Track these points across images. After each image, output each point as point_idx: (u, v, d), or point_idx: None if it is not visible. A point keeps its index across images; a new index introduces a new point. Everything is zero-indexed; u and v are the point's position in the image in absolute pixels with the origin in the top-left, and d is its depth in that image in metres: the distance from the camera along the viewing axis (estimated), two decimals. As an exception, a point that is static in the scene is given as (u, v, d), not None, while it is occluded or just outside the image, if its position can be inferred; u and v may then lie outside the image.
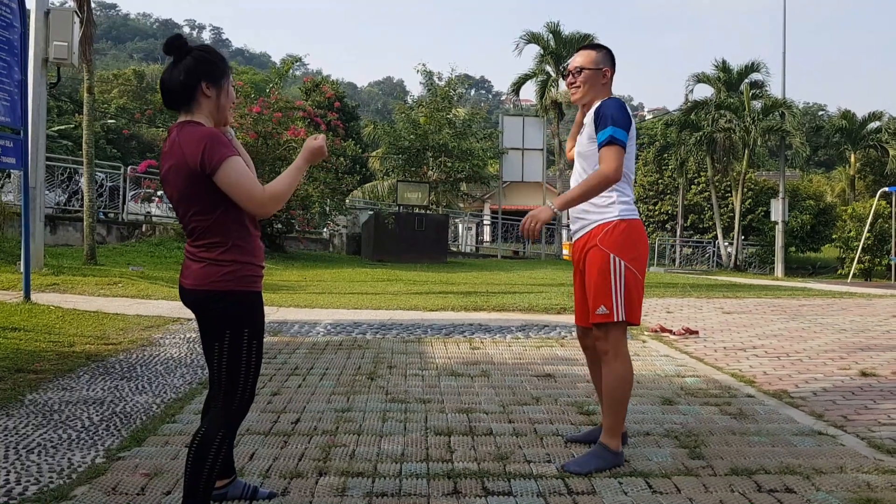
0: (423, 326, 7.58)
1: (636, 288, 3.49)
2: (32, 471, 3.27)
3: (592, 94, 3.58)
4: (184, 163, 2.52)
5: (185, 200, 2.59)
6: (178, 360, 5.70)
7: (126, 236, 17.73)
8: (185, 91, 2.62)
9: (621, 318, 3.46)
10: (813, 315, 8.98)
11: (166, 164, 2.61)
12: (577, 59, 3.63)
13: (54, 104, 37.08)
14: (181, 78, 2.62)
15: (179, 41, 2.66)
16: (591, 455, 3.48)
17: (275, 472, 3.32)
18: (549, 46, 33.84)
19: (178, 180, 2.56)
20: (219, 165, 2.49)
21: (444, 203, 25.86)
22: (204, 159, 2.49)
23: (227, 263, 2.60)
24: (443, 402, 4.60)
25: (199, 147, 2.50)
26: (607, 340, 3.50)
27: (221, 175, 2.51)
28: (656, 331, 7.50)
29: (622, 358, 3.50)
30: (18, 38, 7.87)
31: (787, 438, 3.93)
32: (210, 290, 2.60)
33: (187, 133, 2.56)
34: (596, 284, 3.49)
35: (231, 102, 2.75)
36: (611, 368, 3.49)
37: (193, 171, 2.52)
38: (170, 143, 2.61)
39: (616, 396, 3.47)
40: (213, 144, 2.51)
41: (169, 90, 2.65)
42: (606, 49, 3.66)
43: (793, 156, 33.60)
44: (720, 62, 34.46)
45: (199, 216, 2.59)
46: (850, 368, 5.70)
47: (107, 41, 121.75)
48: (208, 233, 2.60)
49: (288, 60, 23.58)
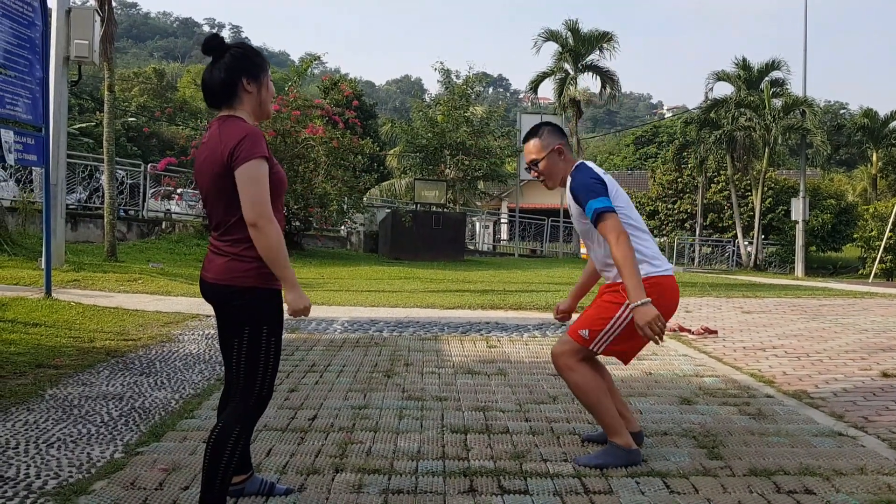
0: (439, 324, 7.58)
1: (629, 339, 3.43)
2: (52, 465, 3.30)
3: (559, 173, 3.60)
4: (220, 155, 2.55)
5: (216, 193, 2.61)
6: (196, 357, 5.73)
7: (146, 233, 17.88)
8: (227, 88, 2.65)
9: (595, 350, 3.48)
10: (834, 315, 8.89)
11: (202, 155, 2.64)
12: (528, 155, 3.65)
13: (75, 102, 37.48)
14: (222, 76, 2.65)
15: (217, 40, 2.69)
16: (602, 451, 3.51)
17: (292, 469, 3.33)
18: (567, 44, 33.71)
19: (212, 172, 2.59)
20: (245, 161, 2.51)
21: (461, 201, 25.87)
22: (233, 153, 2.52)
23: (250, 260, 2.60)
24: (459, 400, 4.60)
25: (238, 142, 2.53)
26: (572, 356, 3.49)
27: (241, 172, 2.51)
28: (675, 330, 7.45)
29: (579, 370, 3.49)
30: (40, 37, 7.96)
31: (807, 439, 3.89)
32: (232, 286, 2.61)
33: (229, 126, 2.59)
34: (597, 311, 3.49)
35: (271, 96, 2.79)
36: (569, 380, 3.52)
37: (227, 167, 2.54)
38: (209, 135, 2.64)
39: (588, 402, 3.50)
40: (252, 140, 2.53)
41: (210, 89, 2.68)
42: (548, 126, 3.66)
43: (813, 154, 33.27)
44: (740, 60, 34.18)
45: (229, 210, 2.60)
46: (872, 369, 5.64)
47: (127, 39, 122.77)
48: (234, 228, 2.61)
49: (306, 59, 23.64)
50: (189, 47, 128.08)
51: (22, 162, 7.96)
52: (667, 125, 47.59)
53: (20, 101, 7.58)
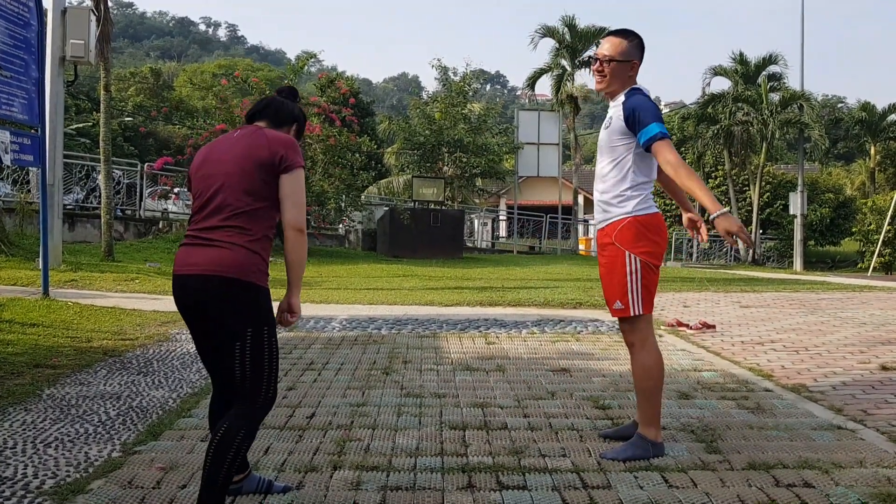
0: (438, 321, 7.58)
1: (652, 281, 3.51)
2: (50, 464, 3.29)
3: (617, 85, 3.52)
4: (264, 151, 2.65)
5: (240, 178, 2.63)
6: (194, 356, 5.72)
7: (143, 233, 17.85)
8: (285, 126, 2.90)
9: (638, 311, 3.46)
10: (832, 309, 8.89)
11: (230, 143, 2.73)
12: (606, 48, 3.52)
13: (72, 102, 37.37)
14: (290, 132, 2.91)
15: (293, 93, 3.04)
16: (628, 444, 3.49)
17: (290, 467, 3.33)
18: (564, 40, 33.68)
19: (249, 161, 2.64)
20: (293, 168, 2.66)
21: (459, 198, 25.87)
22: (286, 156, 2.66)
23: (253, 254, 2.59)
24: (458, 397, 4.59)
25: (285, 146, 2.69)
26: (633, 332, 3.51)
27: (292, 177, 2.66)
28: (673, 325, 7.45)
29: (648, 348, 3.50)
30: (35, 37, 7.93)
31: (806, 433, 3.89)
32: (233, 279, 2.53)
33: (276, 133, 2.77)
34: (610, 281, 3.52)
35: None
36: (637, 359, 3.51)
37: (268, 162, 2.64)
38: (248, 131, 2.76)
39: (647, 387, 3.48)
40: (297, 149, 2.73)
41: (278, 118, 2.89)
42: (637, 38, 3.56)
43: (811, 148, 33.31)
44: (737, 55, 34.16)
45: (247, 198, 2.61)
46: (871, 363, 5.63)
47: (123, 39, 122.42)
48: (247, 217, 2.60)
49: (303, 57, 23.62)
50: (185, 46, 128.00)
51: (18, 162, 7.94)
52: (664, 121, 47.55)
53: (16, 101, 7.56)
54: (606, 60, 3.49)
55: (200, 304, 2.61)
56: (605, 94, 3.60)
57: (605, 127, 3.56)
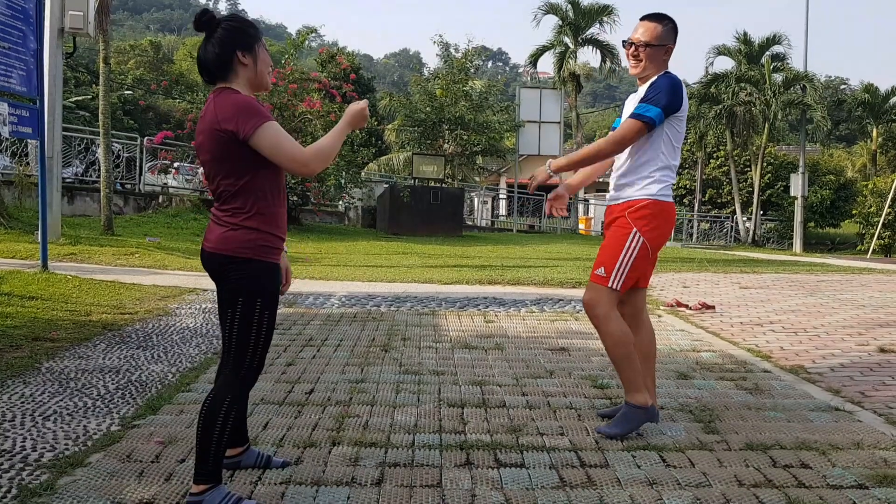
0: (437, 299, 7.57)
1: (640, 267, 3.52)
2: (48, 437, 3.30)
3: (652, 69, 3.50)
4: (218, 127, 2.55)
5: (216, 163, 2.61)
6: (193, 331, 5.73)
7: (143, 207, 17.80)
8: (221, 63, 2.64)
9: (617, 286, 3.48)
10: (831, 291, 8.89)
11: (200, 126, 2.64)
12: (641, 32, 3.49)
13: (71, 75, 37.17)
14: (216, 51, 2.64)
15: (207, 15, 2.66)
16: (620, 417, 3.49)
17: (288, 442, 3.34)
18: (567, 17, 33.44)
19: (211, 144, 2.59)
20: (253, 131, 2.52)
21: (459, 176, 25.78)
22: (239, 124, 2.53)
23: (248, 230, 2.60)
24: (456, 375, 4.60)
25: (234, 112, 2.54)
26: (599, 304, 3.48)
27: (259, 140, 2.53)
28: (672, 305, 7.45)
29: (615, 320, 3.50)
30: (34, 7, 7.85)
31: (804, 414, 3.90)
32: (228, 255, 2.60)
33: (223, 98, 2.59)
34: (608, 248, 3.52)
35: (268, 67, 2.76)
36: (605, 332, 3.50)
37: (227, 136, 2.54)
38: (206, 107, 2.64)
39: (619, 354, 3.49)
40: (248, 110, 2.54)
41: (205, 65, 2.68)
42: (672, 22, 3.53)
43: (813, 130, 33.15)
44: (741, 34, 33.95)
45: (228, 180, 2.60)
46: (869, 345, 5.64)
47: (123, 11, 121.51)
48: (234, 198, 2.61)
49: (303, 31, 23.42)
50: (185, 20, 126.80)
51: (17, 134, 7.89)
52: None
53: (14, 72, 7.50)
54: (642, 45, 3.47)
55: (211, 274, 2.71)
56: (639, 78, 3.57)
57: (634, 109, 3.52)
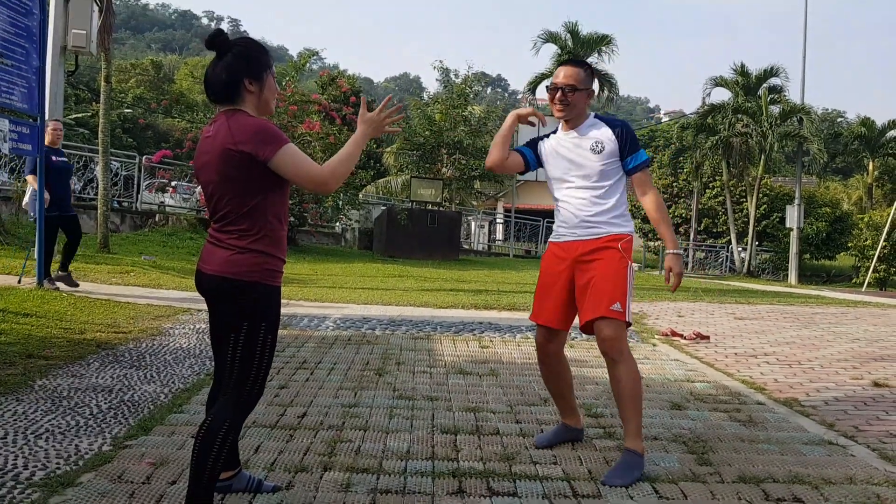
0: (432, 323, 7.57)
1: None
2: (40, 456, 3.28)
3: (577, 112, 3.61)
4: (234, 148, 2.54)
5: (224, 184, 2.59)
6: (187, 351, 5.71)
7: (139, 225, 17.80)
8: (229, 88, 2.65)
9: (630, 319, 3.49)
10: (826, 323, 8.91)
11: (208, 147, 2.62)
12: (565, 77, 3.58)
13: (72, 92, 37.29)
14: (224, 76, 2.64)
15: (221, 37, 2.67)
16: (627, 465, 3.35)
17: (280, 466, 3.32)
18: (566, 46, 33.67)
19: (222, 164, 2.57)
20: (274, 154, 2.53)
21: (457, 200, 25.83)
22: (258, 147, 2.53)
23: (256, 254, 2.59)
24: (450, 400, 4.59)
25: (252, 135, 2.54)
26: (621, 340, 3.46)
27: (280, 162, 2.54)
28: (667, 335, 7.45)
29: (631, 357, 3.50)
30: (37, 26, 7.92)
31: (797, 447, 3.89)
32: (235, 280, 2.58)
33: (238, 121, 2.59)
34: (610, 280, 3.46)
35: (274, 94, 2.78)
36: (627, 368, 3.45)
37: (242, 157, 2.54)
38: (216, 128, 2.63)
39: (636, 395, 3.45)
40: (267, 133, 2.55)
41: (213, 87, 2.68)
42: (590, 67, 3.72)
43: (810, 162, 33.34)
44: (739, 66, 34.18)
45: (235, 202, 2.59)
46: (863, 378, 5.64)
47: (125, 30, 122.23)
48: (242, 219, 2.60)
49: (305, 54, 23.62)
50: (187, 39, 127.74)
51: (17, 151, 7.92)
52: (664, 129, 47.66)
53: (16, 89, 7.55)
54: (570, 89, 3.57)
55: (210, 297, 2.70)
56: (565, 121, 3.66)
57: (597, 151, 3.55)
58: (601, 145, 3.55)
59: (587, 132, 3.60)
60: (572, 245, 3.59)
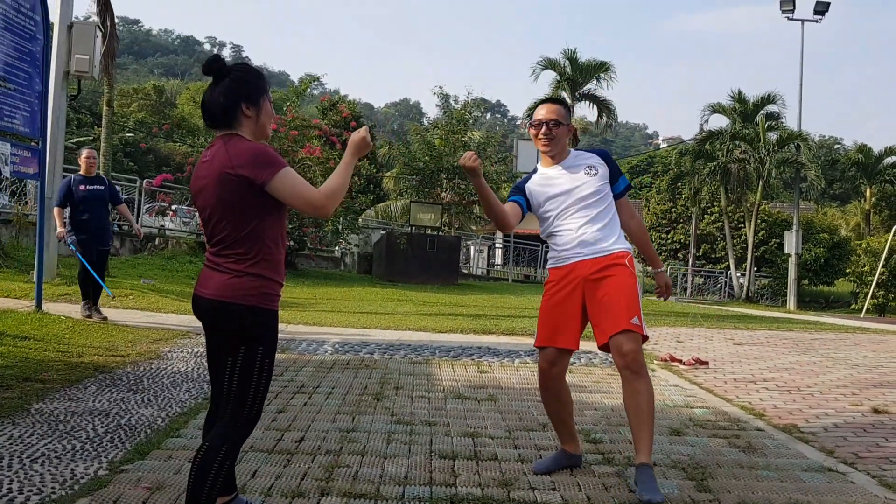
0: (431, 348, 7.56)
1: None
2: (35, 480, 3.26)
3: (561, 147, 3.80)
4: (232, 172, 2.56)
5: (222, 208, 2.60)
6: (184, 375, 5.70)
7: (139, 249, 17.81)
8: (225, 113, 2.67)
9: (646, 332, 3.56)
10: (825, 349, 8.89)
11: (205, 171, 2.64)
12: (549, 113, 3.75)
13: (74, 116, 37.48)
14: (221, 101, 2.66)
15: (218, 63, 2.70)
16: (654, 478, 3.31)
17: (276, 491, 3.30)
18: (565, 73, 33.97)
19: (220, 189, 2.58)
20: (272, 177, 2.55)
21: (456, 225, 25.86)
22: (256, 170, 2.54)
23: (253, 277, 2.60)
24: (448, 426, 4.57)
25: (250, 159, 2.56)
26: (640, 353, 3.50)
27: (277, 185, 2.55)
28: (666, 360, 7.44)
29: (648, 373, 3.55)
30: (41, 50, 7.98)
31: (797, 474, 3.88)
32: (232, 304, 2.59)
33: (236, 145, 2.61)
34: (625, 295, 3.51)
35: (270, 119, 2.80)
36: (646, 381, 3.48)
37: (240, 181, 2.55)
38: (213, 152, 2.64)
39: (652, 409, 3.47)
40: (265, 157, 2.57)
41: (209, 111, 2.70)
42: (568, 104, 3.97)
43: (807, 188, 33.42)
44: (736, 93, 34.43)
45: (233, 225, 2.60)
46: (863, 405, 5.62)
47: (128, 55, 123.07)
48: (239, 244, 2.61)
49: (306, 79, 23.77)
50: (189, 65, 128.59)
51: (18, 175, 7.95)
52: (662, 155, 47.85)
53: (18, 113, 7.59)
54: (554, 123, 3.73)
55: (207, 321, 2.71)
56: (550, 156, 3.80)
57: (591, 174, 3.71)
58: (594, 169, 3.73)
59: (574, 162, 3.77)
60: (579, 265, 3.63)
